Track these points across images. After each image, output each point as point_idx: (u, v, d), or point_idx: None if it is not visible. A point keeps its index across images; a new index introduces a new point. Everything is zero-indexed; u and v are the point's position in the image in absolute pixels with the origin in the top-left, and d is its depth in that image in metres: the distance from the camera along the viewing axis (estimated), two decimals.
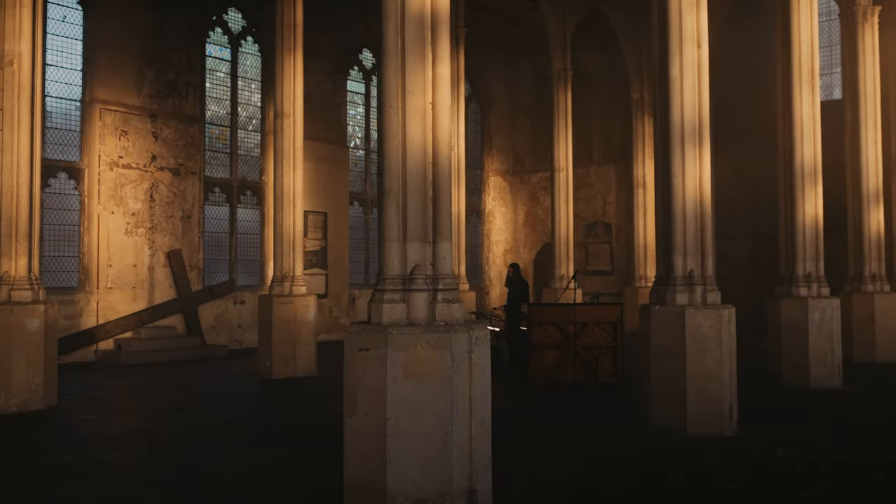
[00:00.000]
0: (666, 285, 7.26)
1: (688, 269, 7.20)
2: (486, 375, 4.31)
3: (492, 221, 22.13)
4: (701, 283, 7.18)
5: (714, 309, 7.07)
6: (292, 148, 11.30)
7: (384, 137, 4.42)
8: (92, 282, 13.36)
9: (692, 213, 7.22)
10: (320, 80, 17.40)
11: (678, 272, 7.21)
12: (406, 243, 4.34)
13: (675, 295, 7.14)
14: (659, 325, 7.15)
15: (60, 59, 13.29)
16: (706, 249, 7.26)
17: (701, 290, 7.16)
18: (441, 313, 4.28)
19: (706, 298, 7.16)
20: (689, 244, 7.21)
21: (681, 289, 7.15)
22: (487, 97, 22.10)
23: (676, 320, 7.03)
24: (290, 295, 11.12)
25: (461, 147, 14.16)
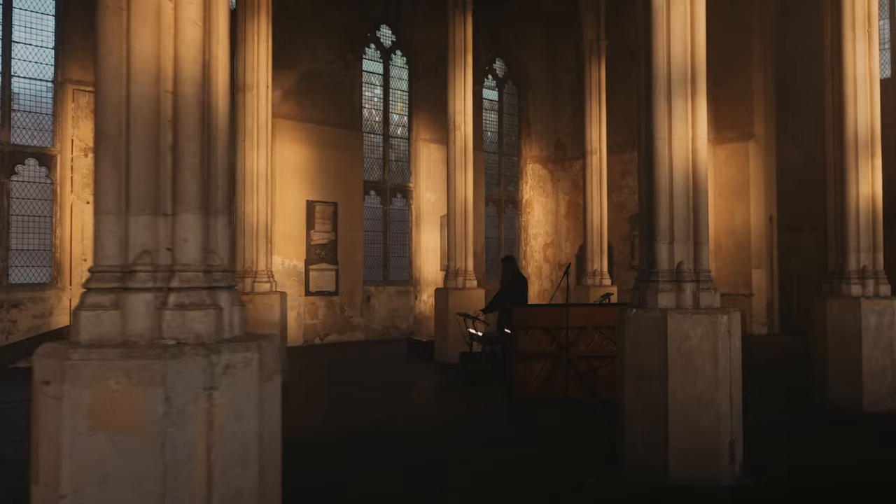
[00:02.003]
0: (647, 282, 5.46)
1: (675, 261, 5.37)
2: (241, 426, 2.70)
3: (529, 213, 20.30)
4: (692, 280, 5.34)
5: (708, 314, 5.22)
6: (256, 125, 9.93)
7: (99, 52, 2.87)
8: (64, 278, 12.40)
9: (681, 186, 5.39)
10: (330, 59, 16.05)
11: (662, 264, 5.39)
12: (128, 216, 2.80)
13: (656, 295, 5.33)
14: (634, 335, 5.35)
15: (30, 37, 12.36)
16: (699, 235, 5.41)
17: (691, 288, 5.32)
18: (172, 325, 2.72)
19: (699, 300, 5.31)
20: (677, 228, 5.38)
21: (665, 287, 5.33)
22: (525, 77, 20.28)
23: (656, 328, 5.22)
24: (252, 293, 9.76)
25: (468, 127, 12.52)
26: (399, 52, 17.63)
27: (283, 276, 15.17)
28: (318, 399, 8.88)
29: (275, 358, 2.96)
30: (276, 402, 2.91)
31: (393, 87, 17.53)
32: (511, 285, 9.15)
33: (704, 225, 5.42)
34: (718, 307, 5.33)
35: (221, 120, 2.99)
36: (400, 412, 7.94)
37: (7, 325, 11.74)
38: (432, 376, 10.77)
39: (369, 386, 9.95)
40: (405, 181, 17.66)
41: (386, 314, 16.88)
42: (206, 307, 2.76)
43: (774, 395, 8.62)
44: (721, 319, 5.19)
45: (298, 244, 15.45)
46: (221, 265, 2.92)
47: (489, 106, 19.70)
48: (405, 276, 17.55)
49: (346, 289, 16.15)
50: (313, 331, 15.61)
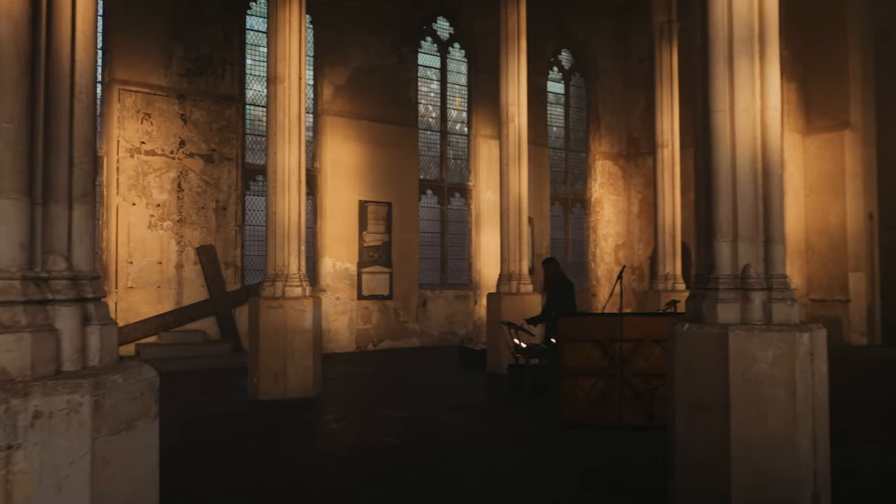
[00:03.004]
0: (703, 290, 4.41)
1: (740, 264, 4.31)
2: (63, 499, 1.89)
3: (599, 212, 19.09)
4: (762, 287, 4.27)
5: (782, 332, 4.13)
6: (287, 120, 9.28)
7: None
8: (110, 281, 12.13)
9: (746, 169, 4.33)
10: (384, 53, 15.38)
11: (722, 268, 4.34)
12: None
13: (714, 306, 4.28)
14: (687, 355, 4.32)
15: None
16: (772, 230, 4.33)
17: (761, 298, 4.25)
18: None
19: (770, 313, 4.23)
20: (742, 222, 4.33)
21: (726, 296, 4.28)
22: (593, 69, 19.09)
23: (714, 348, 4.17)
24: (281, 297, 9.11)
25: (522, 118, 11.55)
26: (457, 44, 16.82)
27: (335, 279, 14.59)
28: (339, 417, 8.12)
29: (141, 397, 2.15)
30: (145, 458, 2.10)
31: (451, 82, 16.72)
32: (555, 291, 8.14)
33: (778, 218, 4.33)
34: (797, 323, 4.22)
35: (80, 77, 2.21)
36: (426, 436, 7.07)
37: None
38: (478, 390, 9.86)
39: (405, 400, 9.14)
40: (464, 179, 16.81)
41: (443, 319, 16.07)
42: (18, 330, 1.98)
43: (872, 423, 7.30)
44: (800, 339, 4.09)
45: (350, 246, 14.82)
46: (69, 272, 2.14)
47: (554, 99, 18.62)
48: (464, 280, 16.69)
49: (401, 293, 15.42)
50: (366, 336, 14.95)
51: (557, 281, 8.17)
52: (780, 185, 4.35)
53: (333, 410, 8.45)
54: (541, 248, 17.66)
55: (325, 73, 14.66)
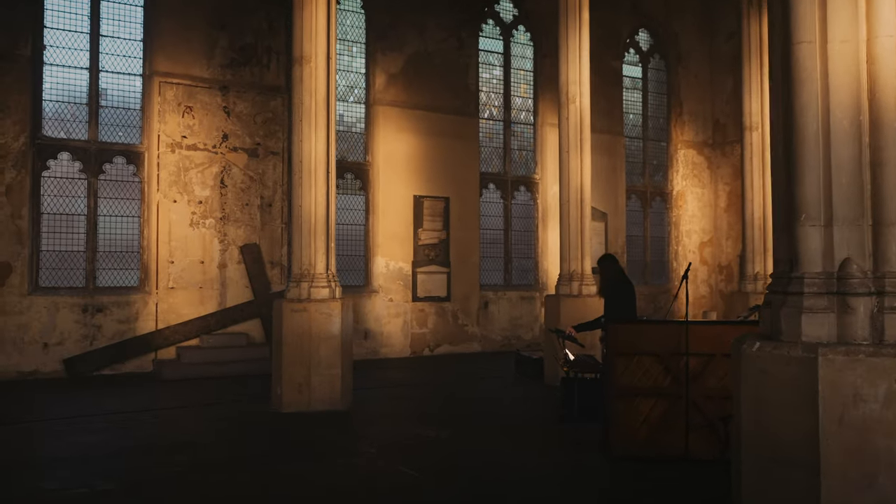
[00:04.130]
0: (783, 294, 3.16)
1: (836, 259, 3.05)
2: None
3: (681, 206, 17.47)
4: (871, 292, 2.99)
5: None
6: (314, 104, 8.40)
7: None
8: (151, 281, 11.63)
9: (846, 127, 3.07)
10: (441, 38, 14.38)
11: (809, 264, 3.09)
12: None
13: (797, 318, 3.04)
14: (759, 387, 3.08)
15: (118, 30, 11.72)
16: (885, 211, 3.04)
17: (868, 306, 2.98)
18: None
19: (883, 327, 2.95)
20: (838, 199, 3.07)
21: (814, 303, 3.02)
22: (675, 50, 17.48)
23: (797, 378, 2.92)
24: (307, 300, 8.23)
25: (584, 99, 10.30)
26: (522, 27, 15.63)
27: (388, 279, 13.70)
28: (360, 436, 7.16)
29: None
30: None
31: (515, 67, 15.55)
32: (610, 294, 6.88)
33: (894, 192, 3.03)
34: None
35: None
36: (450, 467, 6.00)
37: (91, 331, 11.13)
38: (528, 406, 8.70)
39: (443, 416, 8.09)
40: (529, 172, 15.61)
41: (506, 323, 14.92)
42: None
43: None
44: None
45: (404, 244, 13.89)
46: None
47: (630, 84, 17.13)
48: (529, 280, 15.49)
49: (460, 294, 14.38)
50: (422, 341, 13.98)
51: (614, 281, 6.91)
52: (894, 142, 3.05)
53: (358, 428, 7.49)
54: (616, 246, 16.25)
55: (377, 61, 13.79)
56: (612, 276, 6.96)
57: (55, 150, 11.15)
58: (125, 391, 9.86)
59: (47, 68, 11.13)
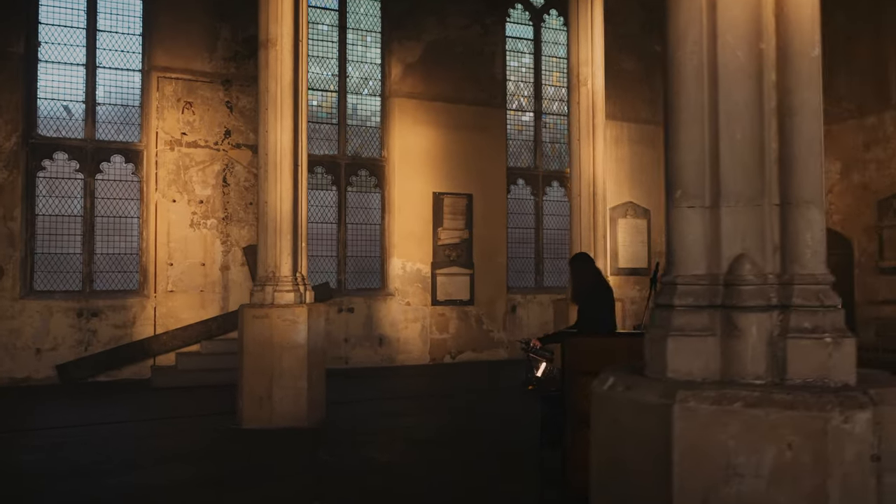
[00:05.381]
0: (657, 308, 2.16)
1: (725, 255, 2.03)
2: None
3: None
4: (772, 305, 1.98)
5: (801, 408, 1.82)
6: (279, 90, 7.69)
7: None
8: (149, 284, 11.22)
9: (741, 61, 2.07)
10: (463, 24, 13.51)
11: (686, 263, 2.09)
12: None
13: (663, 344, 2.03)
14: (609, 439, 2.09)
15: (116, 24, 11.38)
16: (797, 186, 2.03)
17: (767, 326, 1.97)
18: None
19: (785, 358, 1.93)
20: (728, 169, 2.08)
21: (687, 321, 2.02)
22: None
23: (649, 435, 1.93)
24: (270, 305, 7.52)
25: (596, 81, 9.21)
26: (554, 11, 14.56)
27: (405, 282, 12.91)
28: (303, 464, 6.37)
29: None
30: None
31: (546, 55, 14.50)
32: (582, 300, 5.81)
33: (811, 158, 2.01)
34: (843, 384, 1.88)
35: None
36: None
37: (86, 336, 10.80)
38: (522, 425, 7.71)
39: (422, 437, 7.22)
40: (563, 166, 14.51)
41: (537, 328, 13.85)
42: None
43: None
44: (840, 424, 1.75)
45: (423, 244, 13.08)
46: None
47: None
48: (563, 282, 14.34)
49: (484, 297, 13.45)
50: (442, 347, 13.12)
51: (589, 285, 5.84)
52: (814, 87, 2.01)
53: (307, 450, 6.70)
54: (660, 245, 14.95)
55: (393, 51, 13.03)
56: (586, 279, 5.91)
57: (50, 149, 10.88)
58: (107, 400, 9.43)
59: (42, 65, 10.87)
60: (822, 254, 1.97)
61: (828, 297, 1.94)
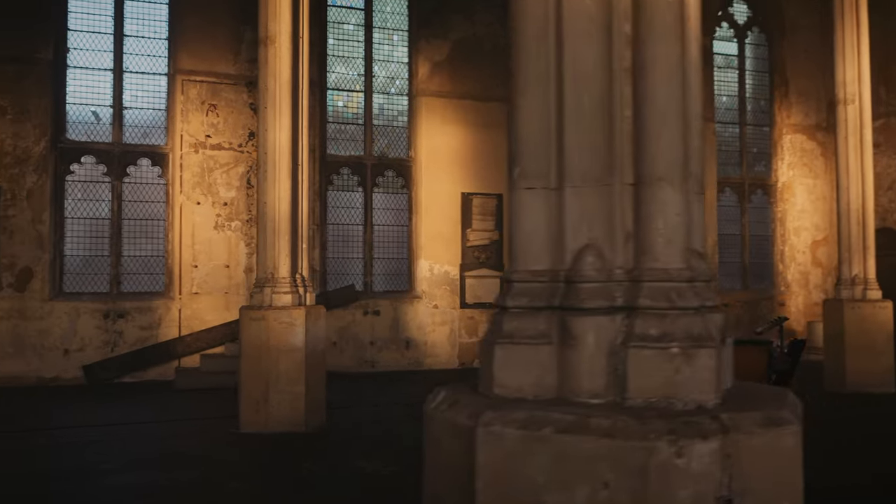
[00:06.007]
0: (498, 310, 1.81)
1: (569, 246, 1.69)
2: None
3: (788, 199, 15.11)
4: (612, 307, 1.61)
5: (634, 437, 1.44)
6: (277, 87, 7.55)
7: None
8: (174, 286, 11.29)
9: (588, 8, 1.68)
10: (493, 19, 13.18)
11: (526, 256, 1.75)
12: None
13: (491, 351, 1.69)
14: (433, 468, 1.75)
15: (142, 29, 11.52)
16: (648, 157, 1.63)
17: (603, 335, 1.59)
18: None
19: (626, 372, 1.56)
20: (574, 140, 1.71)
21: (519, 325, 1.69)
22: (779, 22, 15.16)
23: (460, 467, 1.59)
24: (267, 307, 7.37)
25: None
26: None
27: (432, 284, 12.65)
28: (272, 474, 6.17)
29: None
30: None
31: None
32: None
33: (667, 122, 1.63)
34: (689, 409, 1.50)
35: None
36: None
37: (113, 337, 10.94)
38: None
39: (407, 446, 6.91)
40: None
41: None
42: None
43: None
44: (659, 452, 1.38)
45: (451, 246, 12.79)
46: None
47: (723, 63, 15.04)
48: None
49: None
50: (471, 351, 12.79)
51: None
52: (671, 38, 1.65)
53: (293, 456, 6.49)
54: (705, 246, 14.24)
55: (420, 50, 12.81)
56: None
57: (79, 153, 11.07)
58: (127, 401, 9.49)
59: (70, 71, 11.07)
60: (678, 243, 1.60)
61: (682, 296, 1.57)
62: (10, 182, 10.59)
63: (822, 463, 6.07)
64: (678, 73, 1.63)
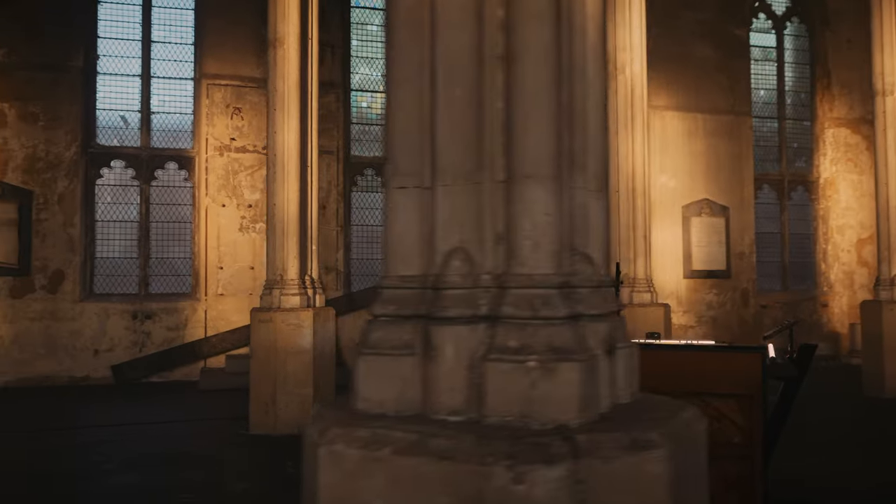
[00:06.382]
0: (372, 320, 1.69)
1: (440, 248, 1.56)
2: None
3: (830, 196, 14.53)
4: (475, 316, 1.47)
5: (490, 461, 1.31)
6: (286, 89, 7.54)
7: None
8: (200, 287, 11.43)
9: None
10: None
11: (399, 260, 1.62)
12: None
13: (361, 363, 1.57)
14: (307, 485, 1.64)
15: (169, 35, 11.70)
16: (518, 152, 1.49)
17: (465, 347, 1.46)
18: None
19: (484, 392, 1.41)
20: (446, 135, 1.58)
21: (384, 335, 1.56)
22: (821, 12, 14.59)
23: (309, 487, 1.48)
24: (275, 309, 7.37)
25: (635, 67, 8.44)
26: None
27: None
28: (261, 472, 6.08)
29: None
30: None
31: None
32: None
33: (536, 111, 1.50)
34: (547, 430, 1.36)
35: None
36: None
37: (141, 337, 11.13)
38: None
39: None
40: None
41: None
42: None
43: None
44: (495, 478, 1.25)
45: None
46: None
47: (761, 55, 14.53)
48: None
49: None
50: None
51: None
52: (544, 20, 1.51)
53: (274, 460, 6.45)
54: (741, 246, 13.85)
55: None
56: None
57: (108, 158, 11.30)
58: (151, 401, 9.64)
59: (100, 78, 11.30)
60: (547, 246, 1.46)
61: (548, 304, 1.43)
62: (42, 187, 10.86)
63: None
64: (552, 59, 1.49)
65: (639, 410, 1.50)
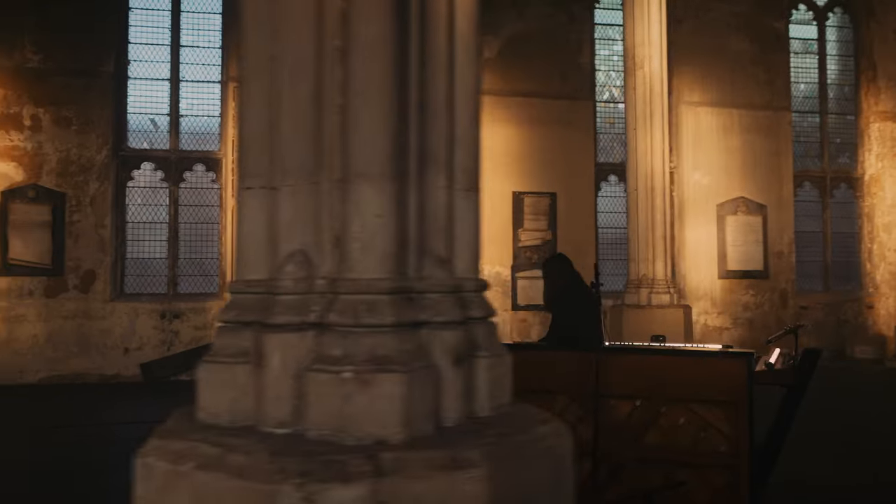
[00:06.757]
0: None
1: (282, 252, 1.49)
2: None
3: (876, 193, 13.95)
4: (303, 324, 1.40)
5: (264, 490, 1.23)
6: None
7: None
8: (227, 287, 11.59)
9: None
10: (546, 13, 12.84)
11: (245, 264, 1.56)
12: None
13: (206, 374, 1.51)
14: None
15: (197, 39, 11.90)
16: (353, 151, 1.42)
17: (292, 356, 1.39)
18: None
19: (306, 404, 1.34)
20: (289, 133, 1.51)
21: (224, 344, 1.50)
22: (866, 3, 14.03)
23: None
24: None
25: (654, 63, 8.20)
26: None
27: None
28: None
29: None
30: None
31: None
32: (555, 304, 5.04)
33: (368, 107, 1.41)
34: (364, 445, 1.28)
35: None
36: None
37: (169, 336, 11.34)
38: None
39: None
40: None
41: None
42: None
43: None
44: (283, 497, 1.17)
45: (502, 246, 12.53)
46: None
47: (801, 48, 14.03)
48: None
49: None
50: None
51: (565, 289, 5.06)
52: (383, 10, 1.43)
53: None
54: (780, 245, 13.40)
55: None
56: (561, 283, 5.16)
57: (138, 160, 11.54)
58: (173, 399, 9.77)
59: (131, 82, 11.56)
60: (378, 249, 1.37)
61: (373, 312, 1.34)
62: (74, 189, 11.15)
63: None
64: (388, 52, 1.41)
65: (486, 426, 1.40)
